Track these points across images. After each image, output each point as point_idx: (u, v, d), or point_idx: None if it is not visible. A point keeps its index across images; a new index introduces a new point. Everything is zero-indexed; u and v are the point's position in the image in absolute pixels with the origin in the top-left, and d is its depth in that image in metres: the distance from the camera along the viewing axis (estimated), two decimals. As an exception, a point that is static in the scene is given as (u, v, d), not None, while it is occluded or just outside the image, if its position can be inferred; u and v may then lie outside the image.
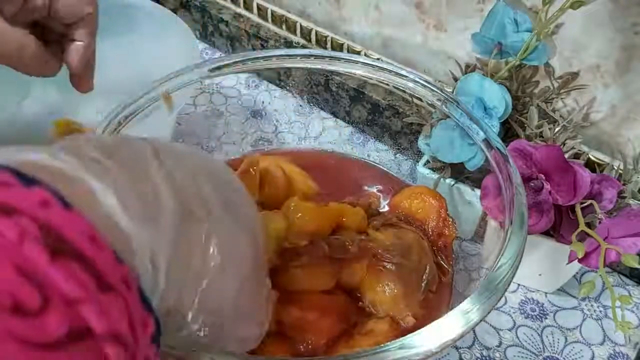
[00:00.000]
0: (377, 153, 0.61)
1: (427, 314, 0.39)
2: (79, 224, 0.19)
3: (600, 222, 0.45)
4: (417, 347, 0.28)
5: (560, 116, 0.52)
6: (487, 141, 0.41)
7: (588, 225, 0.45)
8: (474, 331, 0.50)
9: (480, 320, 0.30)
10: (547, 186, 0.45)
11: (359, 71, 0.47)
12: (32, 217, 0.18)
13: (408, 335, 0.29)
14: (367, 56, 0.66)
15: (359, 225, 0.42)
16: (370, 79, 0.47)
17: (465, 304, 0.31)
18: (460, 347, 0.50)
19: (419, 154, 0.55)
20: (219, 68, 0.46)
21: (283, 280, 0.36)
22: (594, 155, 0.54)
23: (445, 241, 0.44)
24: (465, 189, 0.52)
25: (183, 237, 0.23)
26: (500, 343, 0.50)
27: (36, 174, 0.20)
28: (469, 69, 0.55)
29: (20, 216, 0.18)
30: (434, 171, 0.54)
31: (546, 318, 0.52)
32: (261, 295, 0.29)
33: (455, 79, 0.55)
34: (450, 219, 0.45)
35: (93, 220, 0.19)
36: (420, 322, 0.38)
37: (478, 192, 0.49)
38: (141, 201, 0.22)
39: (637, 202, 0.50)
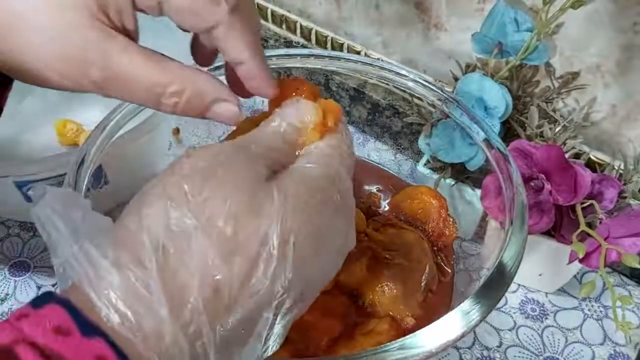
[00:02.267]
0: (377, 153, 0.61)
1: (427, 314, 0.39)
2: None
3: (600, 222, 0.45)
4: (418, 347, 0.28)
5: (561, 116, 0.52)
6: (487, 141, 0.41)
7: (589, 225, 0.45)
8: (474, 331, 0.50)
9: (481, 321, 0.30)
10: (548, 186, 0.45)
11: (359, 71, 0.47)
12: None
13: (408, 336, 0.29)
14: (367, 56, 0.66)
15: (359, 226, 0.42)
16: (371, 78, 0.47)
17: (466, 304, 0.30)
18: (460, 348, 0.50)
19: (419, 153, 0.55)
20: (218, 68, 0.46)
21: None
22: (595, 155, 0.54)
23: (446, 241, 0.44)
24: (466, 188, 0.52)
25: None
26: (501, 343, 0.50)
27: (99, 319, 0.20)
28: (469, 68, 0.54)
29: None
30: (435, 171, 0.54)
31: (547, 318, 0.52)
32: None
33: (456, 79, 0.55)
34: (451, 219, 0.45)
35: None
36: (421, 323, 0.38)
37: (478, 192, 0.49)
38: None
39: (637, 202, 0.50)
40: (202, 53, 0.32)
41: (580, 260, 0.44)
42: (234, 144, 0.26)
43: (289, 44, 0.73)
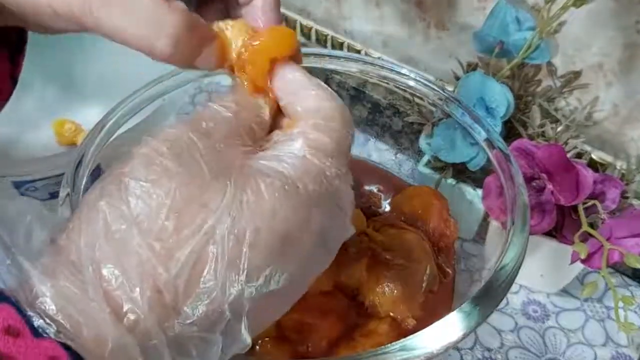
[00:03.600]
0: (378, 153, 0.60)
1: (428, 315, 0.39)
2: None
3: (603, 223, 0.45)
4: (418, 348, 0.28)
5: (563, 115, 0.52)
6: (488, 141, 0.41)
7: (591, 225, 0.44)
8: (475, 332, 0.50)
9: (482, 322, 0.30)
10: (550, 186, 0.45)
11: (359, 70, 0.47)
12: None
13: (409, 337, 0.28)
14: (368, 55, 0.66)
15: (359, 226, 0.42)
16: (371, 78, 0.47)
17: (467, 305, 0.30)
18: (461, 349, 0.50)
19: (420, 153, 0.55)
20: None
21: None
22: (597, 154, 0.53)
23: (447, 242, 0.44)
24: (467, 189, 0.52)
25: None
26: (502, 344, 0.50)
27: (49, 317, 0.19)
28: (470, 67, 0.54)
29: None
30: (435, 171, 0.53)
31: (548, 319, 0.52)
32: None
33: (457, 78, 0.55)
34: (452, 220, 0.44)
35: None
36: (422, 324, 0.38)
37: (480, 192, 0.48)
38: None
39: (640, 202, 0.49)
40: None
41: (582, 261, 0.44)
42: (188, 124, 0.23)
43: (289, 43, 0.73)
